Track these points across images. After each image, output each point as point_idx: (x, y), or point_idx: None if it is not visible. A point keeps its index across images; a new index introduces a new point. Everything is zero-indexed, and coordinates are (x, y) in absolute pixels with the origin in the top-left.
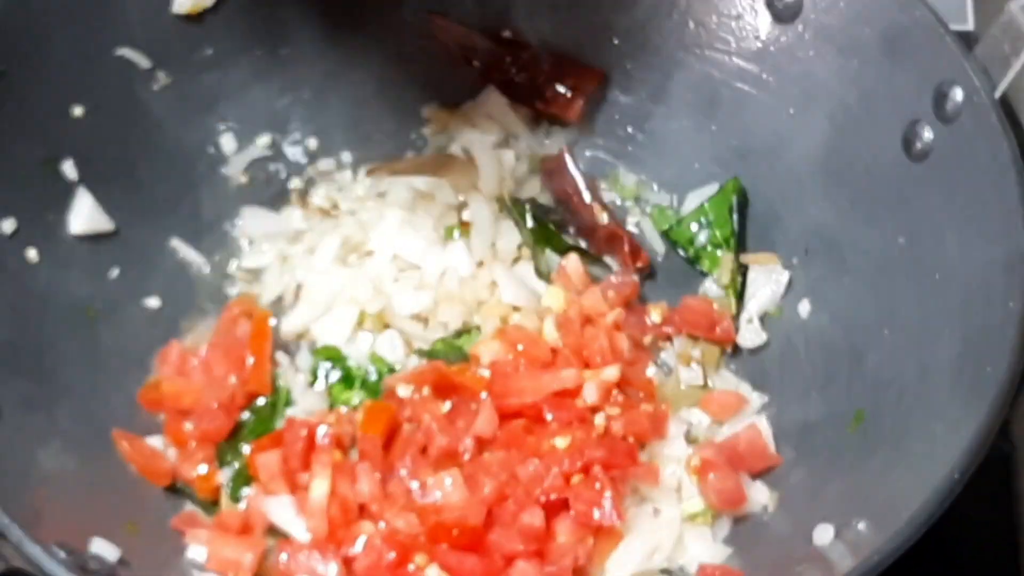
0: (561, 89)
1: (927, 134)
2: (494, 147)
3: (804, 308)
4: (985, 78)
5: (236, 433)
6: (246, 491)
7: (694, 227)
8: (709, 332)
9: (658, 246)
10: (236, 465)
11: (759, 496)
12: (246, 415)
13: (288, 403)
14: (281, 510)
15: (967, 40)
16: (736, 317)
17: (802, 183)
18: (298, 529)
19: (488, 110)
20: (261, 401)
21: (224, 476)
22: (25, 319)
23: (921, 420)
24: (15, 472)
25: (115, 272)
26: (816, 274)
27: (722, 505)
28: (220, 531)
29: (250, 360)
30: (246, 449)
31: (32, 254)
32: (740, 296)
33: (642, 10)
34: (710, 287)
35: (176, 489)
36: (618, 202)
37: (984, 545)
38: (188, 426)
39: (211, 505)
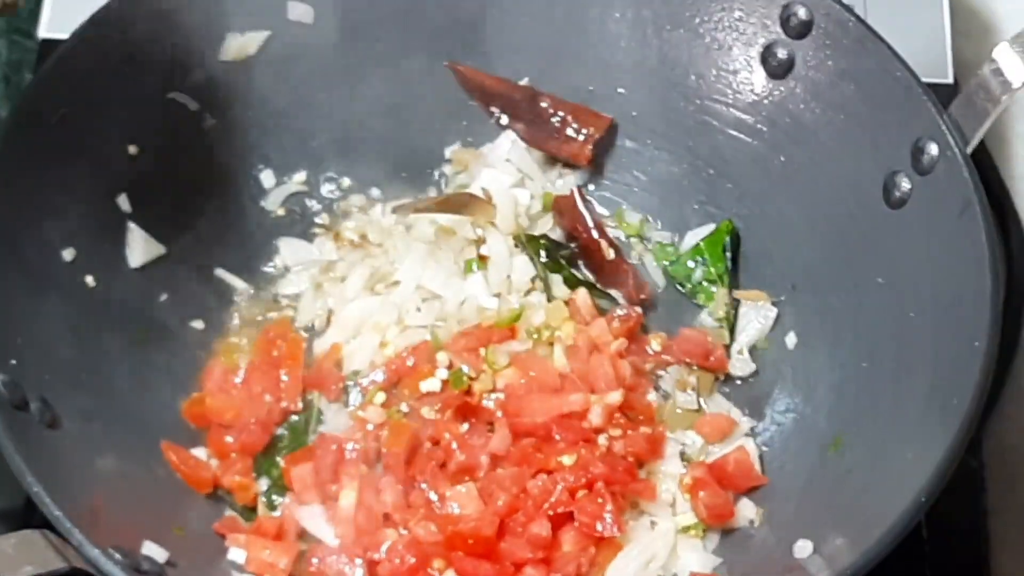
0: (573, 134)
1: (905, 184)
2: (511, 187)
3: (791, 340)
4: (959, 135)
5: (272, 446)
6: (281, 499)
7: (691, 264)
8: (704, 361)
9: (659, 280)
10: (272, 475)
11: (746, 511)
12: (281, 430)
13: (319, 421)
14: (313, 517)
15: (947, 92)
16: (729, 347)
17: (791, 225)
18: (328, 535)
19: (506, 152)
20: (295, 418)
21: (261, 485)
22: (84, 339)
23: (894, 446)
24: (75, 480)
25: (164, 297)
26: (802, 309)
27: (712, 519)
28: (258, 535)
29: (284, 380)
30: (281, 461)
31: (90, 280)
32: (732, 328)
33: (647, 64)
34: (705, 319)
35: (218, 496)
36: (623, 238)
37: (955, 557)
38: (229, 439)
39: (249, 511)
